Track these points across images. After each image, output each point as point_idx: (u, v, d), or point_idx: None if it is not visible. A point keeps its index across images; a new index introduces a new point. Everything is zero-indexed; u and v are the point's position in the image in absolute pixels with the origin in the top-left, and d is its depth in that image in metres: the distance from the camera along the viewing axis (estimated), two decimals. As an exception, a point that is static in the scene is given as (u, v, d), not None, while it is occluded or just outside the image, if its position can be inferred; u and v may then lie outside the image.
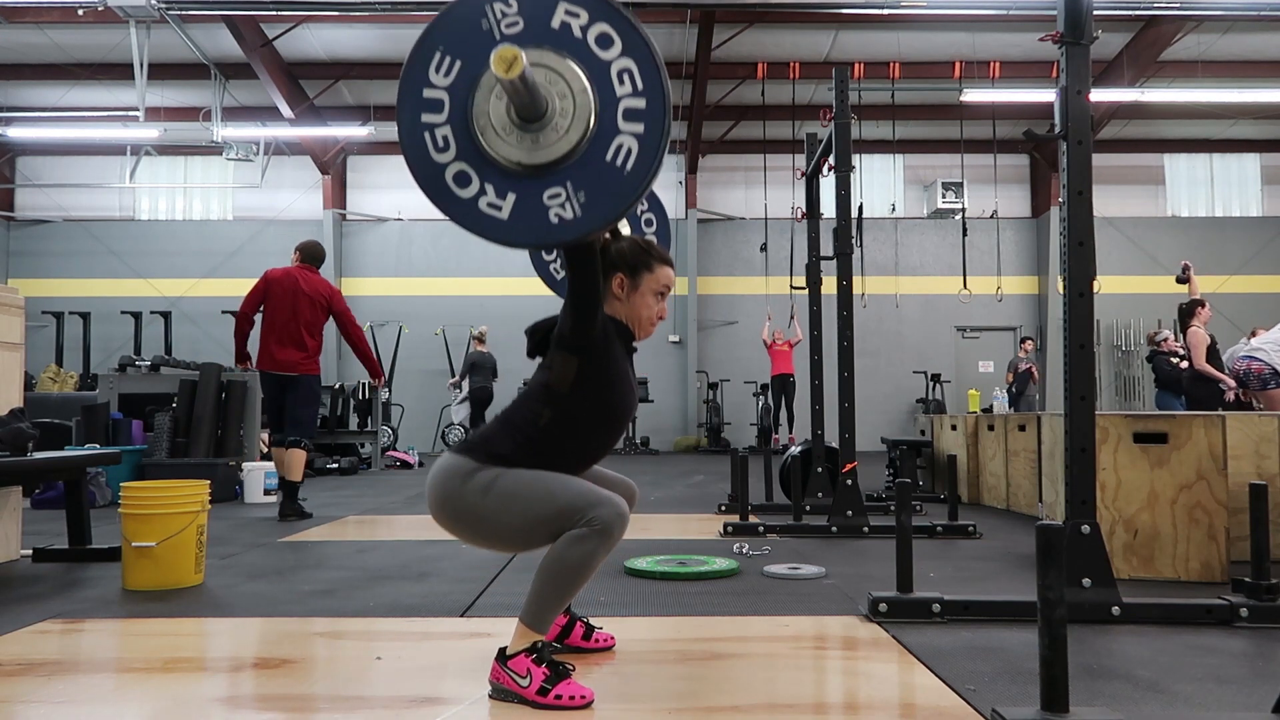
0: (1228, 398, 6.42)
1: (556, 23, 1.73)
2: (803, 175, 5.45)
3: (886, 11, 10.03)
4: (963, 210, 11.41)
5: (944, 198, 13.97)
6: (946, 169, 14.37)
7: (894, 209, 14.86)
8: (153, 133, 12.12)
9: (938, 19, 11.41)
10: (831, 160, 4.63)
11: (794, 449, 5.67)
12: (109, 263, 14.73)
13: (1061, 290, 2.75)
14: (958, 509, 4.57)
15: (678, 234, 14.56)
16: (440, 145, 1.76)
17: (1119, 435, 3.30)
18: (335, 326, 5.61)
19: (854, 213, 4.63)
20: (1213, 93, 11.95)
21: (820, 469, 5.45)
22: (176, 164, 14.96)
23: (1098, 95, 11.40)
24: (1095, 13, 3.19)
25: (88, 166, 14.87)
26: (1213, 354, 6.71)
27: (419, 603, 2.92)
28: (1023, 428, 5.43)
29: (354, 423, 10.54)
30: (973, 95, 11.31)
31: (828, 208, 5.08)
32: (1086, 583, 2.60)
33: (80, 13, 9.99)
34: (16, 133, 12.25)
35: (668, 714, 1.84)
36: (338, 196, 14.75)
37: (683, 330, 14.64)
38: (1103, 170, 14.11)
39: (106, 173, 14.80)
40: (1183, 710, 1.89)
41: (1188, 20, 11.00)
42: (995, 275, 11.35)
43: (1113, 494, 3.30)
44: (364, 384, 10.45)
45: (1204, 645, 2.37)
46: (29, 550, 3.86)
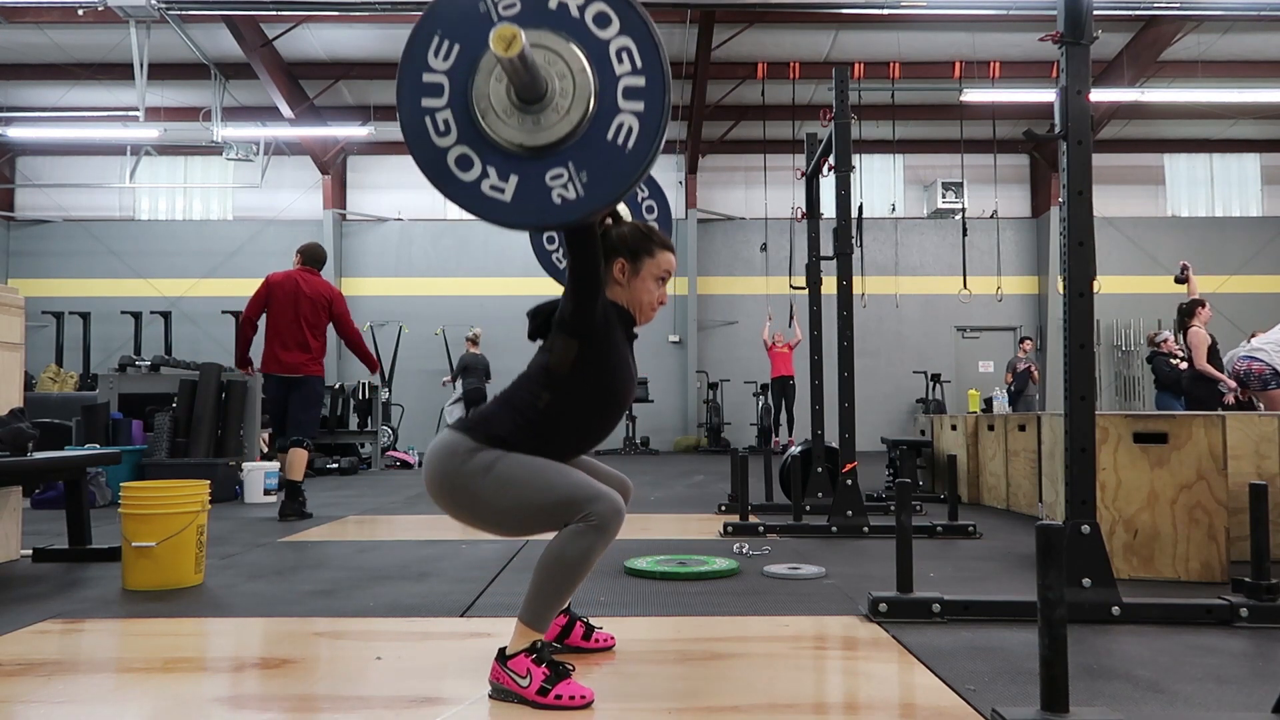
0: (1227, 400, 6.41)
1: (554, 3, 1.73)
2: (803, 175, 5.45)
3: (886, 11, 10.03)
4: (963, 210, 11.41)
5: (944, 198, 13.97)
6: (946, 169, 14.37)
7: (894, 209, 14.86)
8: (153, 133, 12.13)
9: (938, 19, 11.42)
10: (831, 160, 4.63)
11: (794, 449, 5.67)
12: (109, 263, 14.74)
13: (1061, 290, 2.75)
14: (958, 509, 4.57)
15: (678, 234, 14.57)
16: (441, 129, 1.76)
17: (1119, 435, 3.30)
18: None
19: (854, 213, 4.63)
20: (1213, 93, 11.95)
21: (820, 469, 5.45)
22: (176, 164, 14.96)
23: (1098, 95, 11.40)
24: (1095, 13, 3.19)
25: (88, 166, 14.88)
26: (1213, 354, 6.70)
27: (419, 603, 2.92)
28: (1023, 428, 5.43)
29: (354, 423, 10.53)
30: (973, 95, 11.31)
31: (828, 208, 5.08)
32: (1086, 583, 2.60)
33: (80, 13, 9.99)
34: (16, 133, 12.25)
35: (668, 714, 1.84)
36: (338, 196, 14.76)
37: (683, 330, 14.63)
38: (1103, 170, 14.11)
39: (106, 173, 14.80)
40: (1183, 710, 1.89)
41: (1188, 20, 11.00)
42: (995, 275, 11.35)
43: (1113, 494, 3.30)
44: (364, 384, 10.45)
45: (1204, 645, 2.37)
46: (29, 550, 3.86)
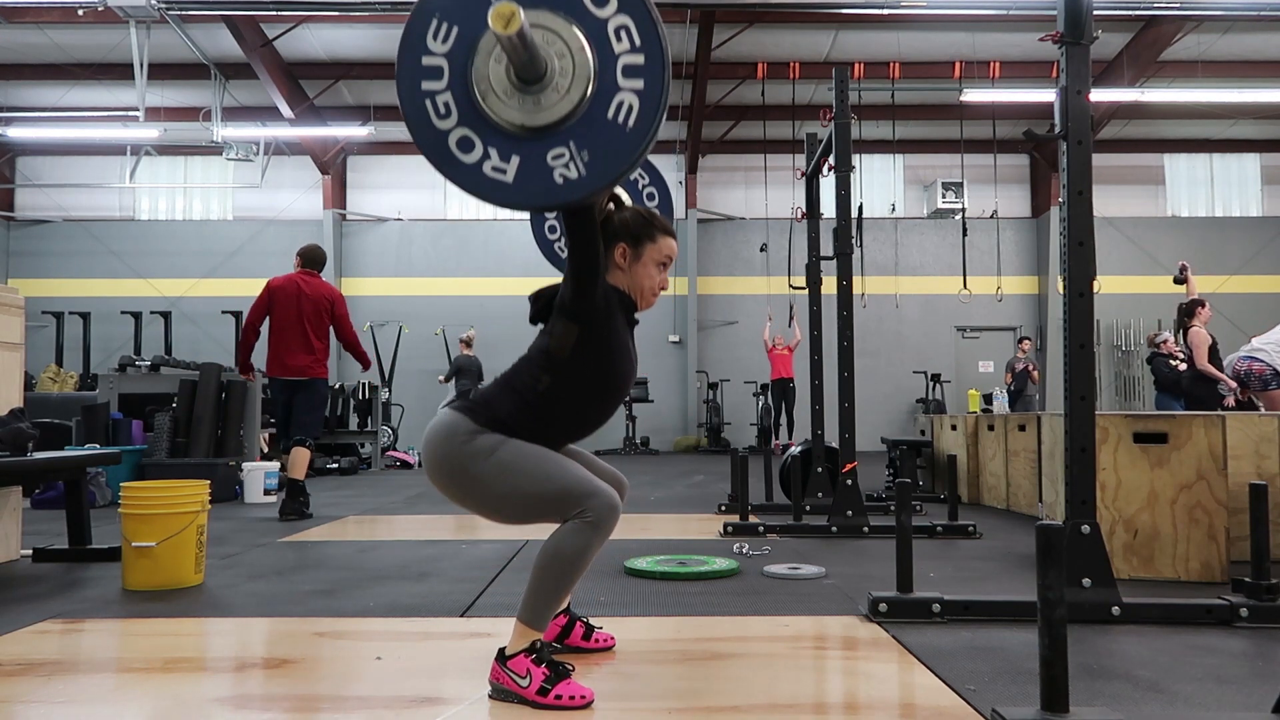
0: (1228, 403, 6.41)
1: None
2: (803, 175, 5.45)
3: (886, 11, 10.03)
4: (963, 210, 11.42)
5: (944, 198, 13.97)
6: (946, 169, 14.38)
7: (894, 209, 14.86)
8: (153, 133, 12.13)
9: (938, 19, 11.41)
10: (831, 160, 4.63)
11: (794, 449, 5.67)
12: (109, 263, 14.74)
13: (1061, 290, 2.75)
14: (958, 509, 4.57)
15: (678, 234, 14.52)
16: (442, 112, 1.75)
17: (1119, 435, 3.30)
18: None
19: (854, 213, 4.63)
20: (1213, 93, 11.95)
21: (820, 469, 5.45)
22: (176, 164, 14.96)
23: (1098, 95, 11.40)
24: (1095, 13, 3.19)
25: (88, 166, 14.88)
26: (1213, 354, 6.70)
27: (419, 603, 2.92)
28: (1023, 428, 5.43)
29: (354, 423, 10.53)
30: (973, 95, 11.31)
31: (828, 208, 5.08)
32: (1086, 583, 2.60)
33: (80, 13, 9.99)
34: (16, 133, 12.25)
35: (668, 714, 1.84)
36: (338, 196, 14.76)
37: (683, 330, 14.64)
38: (1103, 170, 14.11)
39: (106, 173, 14.81)
40: (1183, 710, 1.89)
41: (1188, 20, 11.00)
42: (995, 275, 11.36)
43: (1113, 494, 3.30)
44: (364, 384, 10.45)
45: (1204, 645, 2.37)
46: (29, 550, 3.86)
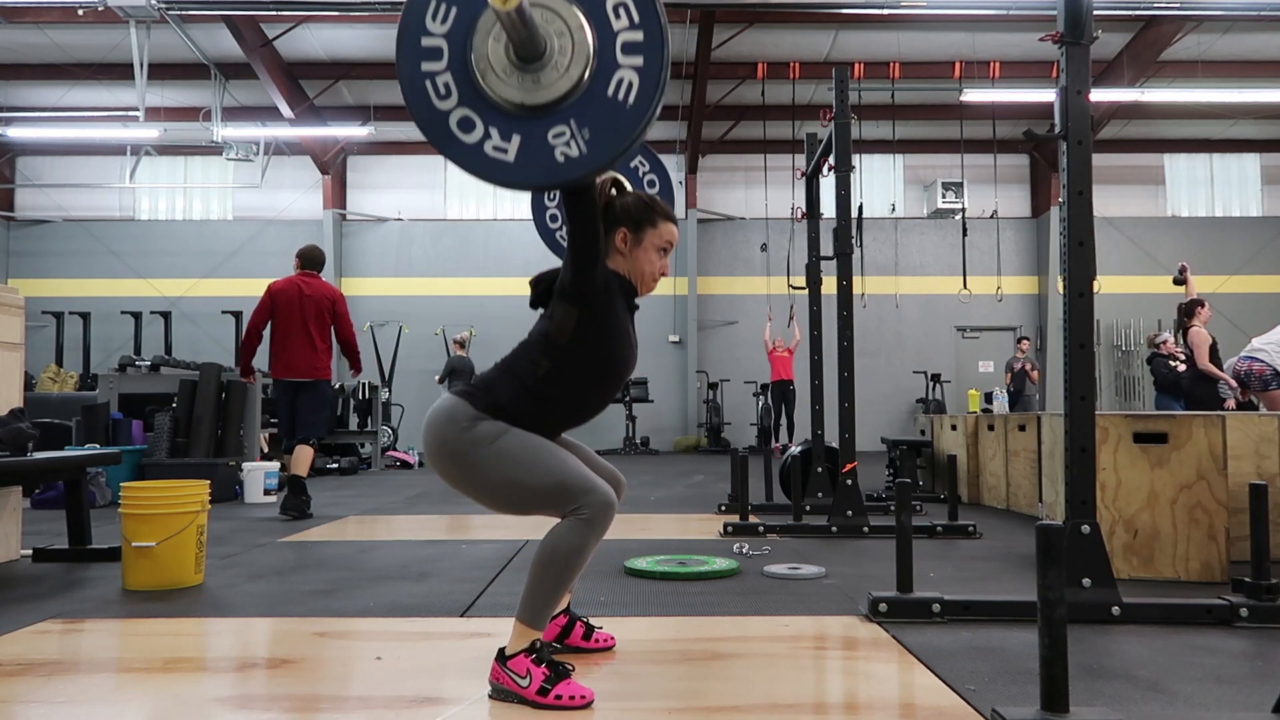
0: (1228, 405, 6.40)
1: None
2: (803, 175, 5.45)
3: (886, 11, 10.03)
4: (963, 210, 11.41)
5: (944, 198, 13.97)
6: (946, 169, 14.38)
7: (894, 209, 14.85)
8: (153, 133, 12.13)
9: (938, 19, 11.41)
10: (831, 160, 4.62)
11: (794, 449, 5.67)
12: (109, 263, 14.74)
13: (1061, 290, 2.75)
14: (958, 509, 4.57)
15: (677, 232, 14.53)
16: (442, 92, 1.75)
17: (1119, 435, 3.30)
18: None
19: (854, 213, 4.63)
20: (1213, 93, 11.95)
21: (820, 469, 5.45)
22: (176, 164, 14.96)
23: (1098, 95, 11.40)
24: (1095, 13, 3.19)
25: (88, 166, 14.88)
26: (1213, 354, 6.70)
27: (419, 603, 2.92)
28: (1023, 428, 5.43)
29: (354, 423, 10.54)
30: (973, 95, 11.31)
31: (828, 208, 5.08)
32: (1086, 583, 2.60)
33: (80, 13, 9.99)
34: (16, 133, 12.25)
35: (668, 714, 1.84)
36: (338, 196, 14.76)
37: (683, 330, 14.64)
38: (1103, 170, 14.11)
39: (106, 173, 14.81)
40: (1183, 710, 1.89)
41: (1188, 20, 11.00)
42: (995, 275, 11.36)
43: (1113, 494, 3.30)
44: (364, 384, 10.45)
45: (1204, 645, 2.37)
46: (29, 550, 3.86)
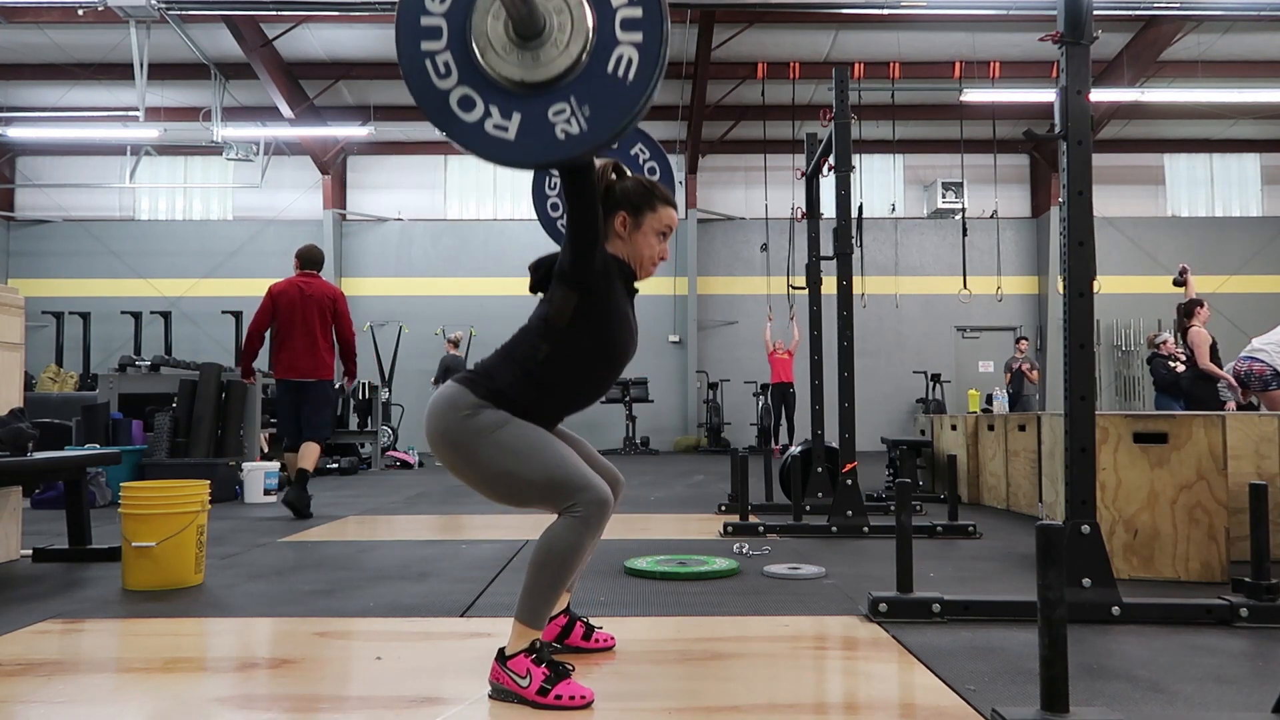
0: (1229, 407, 6.40)
1: None
2: (803, 175, 5.44)
3: (886, 11, 10.03)
4: (963, 210, 11.40)
5: (944, 198, 13.97)
6: (946, 169, 14.37)
7: (894, 209, 14.86)
8: (153, 133, 12.12)
9: (938, 19, 11.41)
10: (831, 160, 4.62)
11: (794, 449, 5.67)
12: (109, 263, 14.74)
13: (1061, 290, 2.75)
14: (958, 509, 4.57)
15: (677, 234, 14.56)
16: (442, 71, 1.75)
17: (1119, 435, 3.30)
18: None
19: (854, 213, 4.63)
20: (1213, 93, 11.95)
21: (820, 469, 5.45)
22: (176, 164, 14.96)
23: (1098, 95, 11.39)
24: (1095, 13, 3.19)
25: (88, 166, 14.88)
26: (1213, 355, 6.70)
27: (419, 603, 2.92)
28: (1023, 428, 5.43)
29: (354, 423, 10.54)
30: (973, 95, 11.31)
31: (828, 208, 5.08)
32: (1086, 583, 2.60)
33: (80, 13, 9.99)
34: (16, 133, 12.25)
35: (668, 714, 1.84)
36: (338, 196, 14.76)
37: (683, 330, 14.64)
38: (1103, 170, 14.11)
39: (106, 173, 14.81)
40: (1183, 710, 1.89)
41: (1188, 20, 11.00)
42: (995, 275, 11.36)
43: (1113, 494, 3.29)
44: (364, 384, 10.45)
45: (1204, 645, 2.37)
46: (29, 550, 3.86)
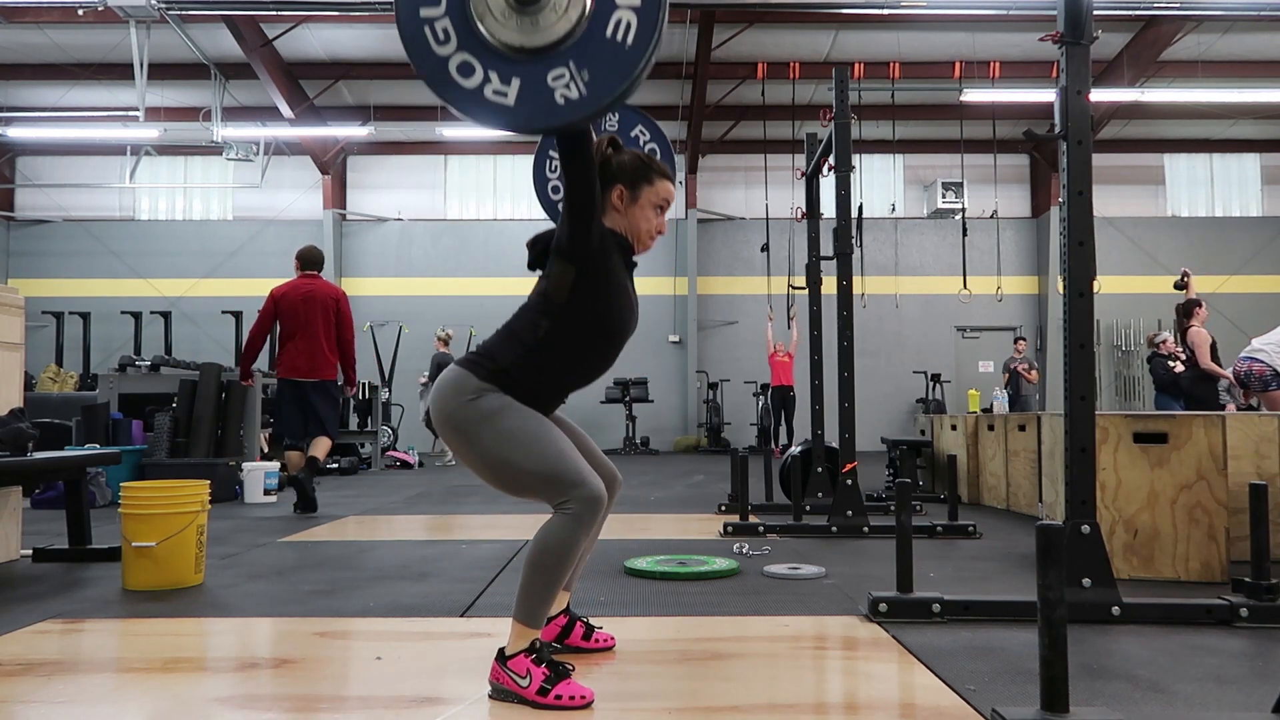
0: (1229, 409, 6.40)
1: None
2: (803, 175, 5.44)
3: (886, 11, 10.03)
4: (963, 210, 11.38)
5: (944, 198, 13.97)
6: (946, 169, 14.37)
7: (894, 209, 14.85)
8: (153, 133, 12.13)
9: (938, 19, 11.41)
10: (831, 160, 4.63)
11: (794, 449, 5.67)
12: (109, 263, 14.74)
13: (1061, 290, 2.75)
14: (958, 509, 4.57)
15: (677, 234, 14.57)
16: (441, 38, 1.75)
17: (1119, 435, 3.30)
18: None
19: (854, 213, 4.63)
20: (1213, 93, 11.95)
21: (820, 469, 5.45)
22: (176, 164, 14.96)
23: (1098, 95, 11.39)
24: (1095, 13, 3.19)
25: (88, 166, 14.88)
26: (1213, 355, 6.71)
27: (419, 603, 2.92)
28: (1023, 428, 5.43)
29: (354, 423, 10.54)
30: (973, 95, 11.31)
31: (828, 208, 5.08)
32: (1086, 583, 2.60)
33: (80, 13, 9.99)
34: (16, 133, 12.25)
35: (668, 714, 1.84)
36: (338, 196, 14.76)
37: (683, 330, 14.63)
38: (1103, 170, 14.11)
39: (106, 173, 14.81)
40: (1183, 710, 1.89)
41: (1188, 20, 11.00)
42: (995, 275, 11.35)
43: (1113, 494, 3.30)
44: (364, 384, 10.45)
45: (1204, 645, 2.37)
46: (29, 550, 3.86)
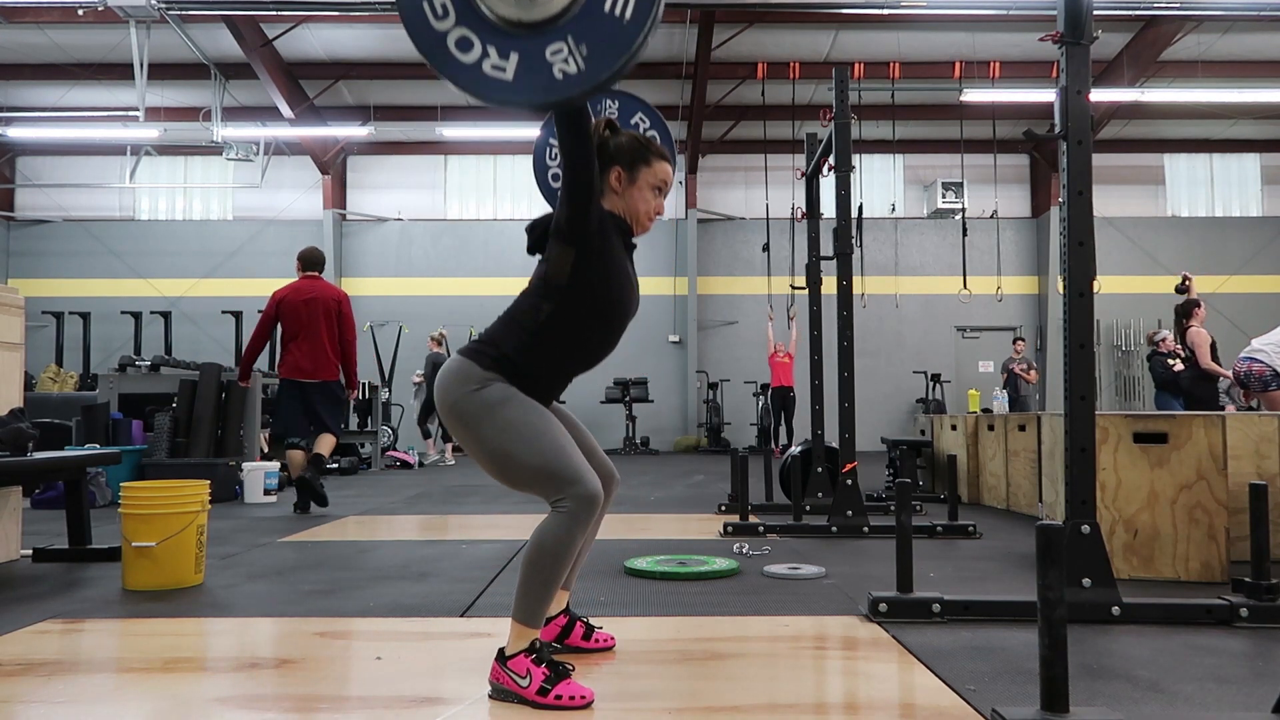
0: (1229, 409, 6.40)
1: None
2: (803, 175, 5.44)
3: (886, 11, 10.03)
4: (963, 210, 11.37)
5: (944, 198, 13.97)
6: (946, 169, 14.37)
7: (894, 209, 14.85)
8: (153, 133, 12.13)
9: (938, 19, 11.41)
10: (831, 160, 4.63)
11: (794, 449, 5.67)
12: (109, 263, 14.74)
13: (1061, 290, 2.75)
14: (958, 509, 4.57)
15: (677, 234, 14.58)
16: (439, 13, 1.75)
17: (1119, 435, 3.30)
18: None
19: (854, 213, 4.63)
20: (1213, 93, 11.95)
21: (820, 469, 5.45)
22: (176, 164, 14.96)
23: (1098, 95, 11.40)
24: (1095, 13, 3.19)
25: (88, 166, 14.88)
26: (1213, 355, 6.71)
27: (419, 603, 2.92)
28: (1023, 428, 5.43)
29: (354, 423, 10.54)
30: (973, 95, 11.31)
31: (828, 208, 5.08)
32: (1086, 583, 2.60)
33: (80, 13, 9.99)
34: (16, 133, 12.25)
35: (668, 714, 1.84)
36: (338, 196, 14.76)
37: (683, 330, 14.63)
38: (1103, 170, 14.11)
39: (106, 173, 14.81)
40: (1183, 710, 1.89)
41: (1188, 20, 11.00)
42: (995, 275, 11.35)
43: (1113, 494, 3.30)
44: (364, 384, 10.45)
45: (1204, 645, 2.37)
46: (29, 550, 3.86)
